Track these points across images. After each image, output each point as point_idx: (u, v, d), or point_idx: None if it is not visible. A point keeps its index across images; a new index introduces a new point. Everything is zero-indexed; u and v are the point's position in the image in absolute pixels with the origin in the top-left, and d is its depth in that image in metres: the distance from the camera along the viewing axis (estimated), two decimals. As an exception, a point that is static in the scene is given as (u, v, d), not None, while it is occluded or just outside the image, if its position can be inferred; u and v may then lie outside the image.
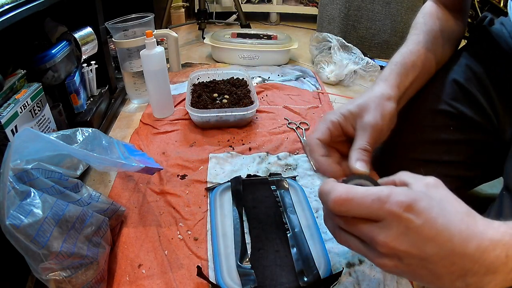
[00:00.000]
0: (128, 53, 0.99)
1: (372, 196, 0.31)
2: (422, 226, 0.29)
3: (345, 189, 0.33)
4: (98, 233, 0.50)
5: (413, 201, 0.30)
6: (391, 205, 0.30)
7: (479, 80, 0.57)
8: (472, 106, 0.56)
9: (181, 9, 1.93)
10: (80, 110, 0.85)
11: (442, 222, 0.29)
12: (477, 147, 0.57)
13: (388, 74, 0.52)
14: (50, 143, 0.48)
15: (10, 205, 0.41)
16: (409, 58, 0.54)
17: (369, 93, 0.48)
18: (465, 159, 0.58)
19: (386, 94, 0.47)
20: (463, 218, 0.30)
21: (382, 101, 0.46)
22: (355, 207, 0.32)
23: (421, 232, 0.29)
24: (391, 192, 0.31)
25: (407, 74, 0.53)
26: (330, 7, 1.51)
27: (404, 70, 0.53)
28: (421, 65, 0.55)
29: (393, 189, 0.31)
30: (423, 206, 0.30)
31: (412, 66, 0.54)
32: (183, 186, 0.71)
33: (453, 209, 0.31)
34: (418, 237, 0.29)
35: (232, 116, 0.88)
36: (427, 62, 0.56)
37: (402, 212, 0.30)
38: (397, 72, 0.52)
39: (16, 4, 0.56)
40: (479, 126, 0.56)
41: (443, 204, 0.31)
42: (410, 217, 0.29)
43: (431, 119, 0.59)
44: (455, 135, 0.58)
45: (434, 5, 0.61)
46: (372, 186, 0.33)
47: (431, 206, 0.30)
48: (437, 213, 0.30)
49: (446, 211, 0.30)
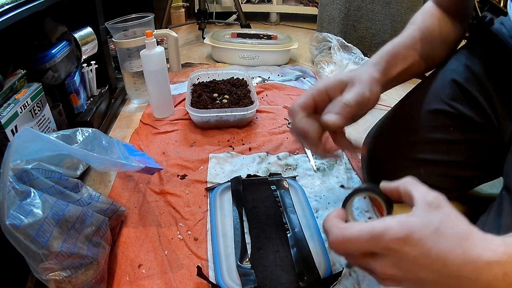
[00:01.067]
0: (128, 53, 0.99)
1: (366, 235, 0.32)
2: (417, 257, 0.30)
3: (340, 230, 0.34)
4: (98, 233, 0.50)
5: (408, 234, 0.31)
6: (386, 242, 0.31)
7: (478, 80, 0.57)
8: (472, 106, 0.56)
9: (181, 9, 1.93)
10: (80, 110, 0.85)
11: (437, 251, 0.30)
12: (477, 147, 0.57)
13: (379, 60, 0.52)
14: (50, 143, 0.48)
15: (10, 205, 0.41)
16: (401, 51, 0.54)
17: (360, 71, 0.49)
18: (465, 159, 0.58)
19: (376, 77, 0.49)
20: (460, 243, 0.30)
21: (372, 80, 0.47)
22: (352, 247, 0.33)
23: (416, 262, 0.31)
24: (385, 228, 0.31)
25: (395, 65, 0.54)
26: (330, 7, 1.51)
27: (393, 60, 0.53)
28: (411, 61, 0.56)
29: (387, 225, 0.31)
30: (418, 238, 0.30)
31: (402, 59, 0.54)
32: (183, 186, 0.71)
33: (451, 232, 0.31)
34: (413, 266, 0.31)
35: (232, 116, 0.88)
36: (417, 59, 0.56)
37: (397, 246, 0.31)
38: (387, 61, 0.53)
39: (16, 4, 0.56)
40: (479, 126, 0.56)
41: (441, 229, 0.31)
42: (405, 250, 0.31)
43: (431, 119, 0.59)
44: (455, 135, 0.58)
45: (435, 6, 0.61)
46: (365, 223, 0.33)
47: (426, 236, 0.30)
48: (432, 243, 0.30)
49: (443, 238, 0.30)
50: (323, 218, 0.64)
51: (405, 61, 0.55)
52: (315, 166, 0.78)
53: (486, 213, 0.48)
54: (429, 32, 0.57)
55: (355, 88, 0.45)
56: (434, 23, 0.58)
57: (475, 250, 0.30)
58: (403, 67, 0.55)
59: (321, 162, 0.79)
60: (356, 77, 0.47)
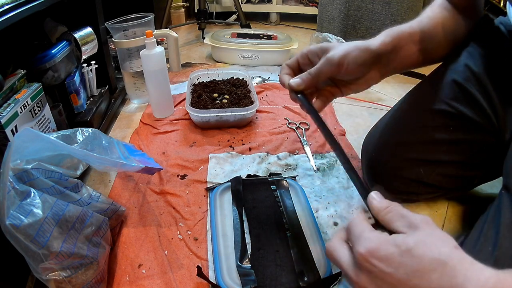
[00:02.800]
0: (128, 53, 0.99)
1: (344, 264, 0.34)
2: (386, 274, 0.30)
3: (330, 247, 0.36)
4: (98, 233, 0.50)
5: (376, 248, 0.31)
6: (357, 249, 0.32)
7: (478, 79, 0.57)
8: (472, 106, 0.56)
9: (181, 9, 1.93)
10: (80, 110, 0.85)
11: (405, 272, 0.29)
12: (477, 147, 0.57)
13: (380, 37, 0.54)
14: (50, 143, 0.48)
15: (10, 205, 0.41)
16: (404, 37, 0.55)
17: (349, 42, 0.53)
18: (465, 159, 0.58)
19: (362, 45, 0.51)
20: (436, 267, 0.29)
21: (353, 48, 0.51)
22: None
23: (384, 279, 0.30)
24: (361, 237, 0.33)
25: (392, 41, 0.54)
26: (330, 7, 1.51)
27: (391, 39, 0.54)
28: (410, 49, 0.55)
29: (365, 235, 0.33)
30: (384, 255, 0.31)
31: (404, 45, 0.55)
32: (183, 186, 0.71)
33: (427, 254, 0.29)
34: (382, 283, 0.31)
35: (232, 116, 0.88)
36: (414, 49, 0.56)
37: (367, 258, 0.31)
38: (386, 35, 0.54)
39: (16, 4, 0.56)
40: (478, 126, 0.56)
41: (414, 250, 0.30)
42: (374, 262, 0.31)
43: (431, 119, 0.59)
44: (455, 135, 0.58)
45: (445, 1, 0.60)
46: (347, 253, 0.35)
47: (392, 255, 0.30)
48: (400, 263, 0.30)
49: (415, 259, 0.29)
50: (323, 218, 0.65)
51: (405, 47, 0.55)
52: (315, 166, 0.78)
53: (486, 213, 0.48)
54: (432, 25, 0.57)
55: (324, 56, 0.51)
56: (437, 17, 0.58)
57: (457, 278, 0.28)
58: (400, 47, 0.55)
59: (321, 162, 0.79)
60: (334, 46, 0.51)
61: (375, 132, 0.70)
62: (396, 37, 0.53)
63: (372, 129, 0.72)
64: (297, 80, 0.52)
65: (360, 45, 0.51)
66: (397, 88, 1.19)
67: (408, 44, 0.55)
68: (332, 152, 0.83)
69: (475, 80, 0.57)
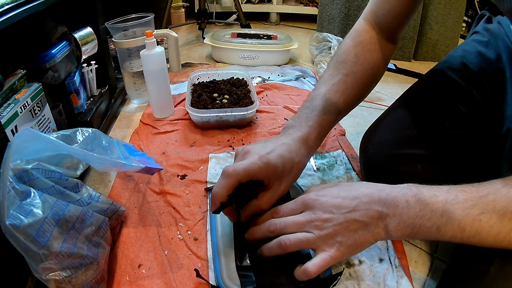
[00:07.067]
0: (128, 53, 0.99)
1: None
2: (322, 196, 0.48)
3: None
4: (98, 233, 0.50)
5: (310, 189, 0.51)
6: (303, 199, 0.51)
7: (475, 77, 0.57)
8: (469, 104, 0.57)
9: (181, 9, 1.93)
10: (80, 110, 0.85)
11: (336, 190, 0.48)
12: (473, 144, 0.58)
13: (310, 118, 0.60)
14: (50, 143, 0.48)
15: (10, 205, 0.41)
16: (331, 101, 0.59)
17: (291, 145, 0.58)
18: (461, 155, 0.59)
19: (301, 155, 0.57)
20: (364, 185, 0.46)
21: (274, 153, 0.55)
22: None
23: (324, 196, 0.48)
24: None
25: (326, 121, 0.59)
26: (330, 7, 1.51)
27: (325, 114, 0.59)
28: (331, 122, 0.60)
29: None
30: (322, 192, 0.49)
31: (332, 111, 0.59)
32: (183, 186, 0.71)
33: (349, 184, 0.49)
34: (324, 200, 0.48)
35: (232, 116, 0.88)
36: (335, 118, 0.61)
37: (311, 196, 0.50)
38: (317, 117, 0.59)
39: (16, 4, 0.56)
40: (475, 123, 0.57)
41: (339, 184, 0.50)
42: (312, 196, 0.50)
43: (428, 116, 0.60)
44: (452, 131, 0.58)
45: (371, 31, 0.61)
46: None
47: (325, 186, 0.51)
48: (332, 189, 0.49)
49: (344, 184, 0.49)
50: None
51: (324, 125, 0.59)
52: (315, 166, 0.78)
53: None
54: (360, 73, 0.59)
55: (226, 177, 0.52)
56: (368, 58, 0.60)
57: (379, 186, 0.44)
58: (332, 118, 0.59)
59: (321, 162, 0.79)
60: (285, 167, 0.55)
61: (372, 129, 0.70)
62: (317, 127, 0.58)
63: (370, 128, 0.72)
64: (213, 208, 0.51)
65: (299, 156, 0.56)
66: (397, 88, 1.19)
67: (328, 123, 0.60)
68: (332, 152, 0.83)
69: (472, 77, 0.57)
